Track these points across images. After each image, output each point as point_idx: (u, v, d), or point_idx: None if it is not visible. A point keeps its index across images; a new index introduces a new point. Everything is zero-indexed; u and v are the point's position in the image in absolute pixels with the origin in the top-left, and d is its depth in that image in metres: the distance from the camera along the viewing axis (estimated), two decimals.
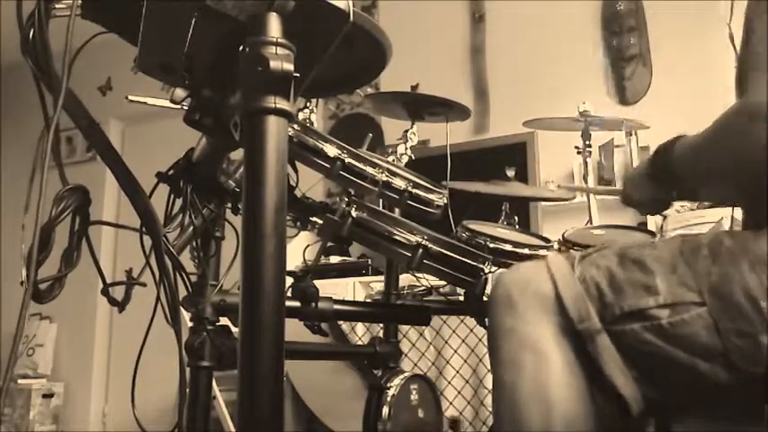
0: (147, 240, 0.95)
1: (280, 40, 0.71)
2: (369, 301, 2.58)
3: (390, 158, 1.68)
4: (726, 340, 0.80)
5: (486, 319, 0.94)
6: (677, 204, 2.60)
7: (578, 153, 2.30)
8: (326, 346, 1.96)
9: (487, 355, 2.20)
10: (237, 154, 1.08)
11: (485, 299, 1.38)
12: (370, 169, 1.39)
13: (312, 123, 1.46)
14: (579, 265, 0.91)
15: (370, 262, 2.93)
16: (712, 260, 0.84)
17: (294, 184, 1.32)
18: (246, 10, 0.73)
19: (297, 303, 1.32)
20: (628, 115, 2.41)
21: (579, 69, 3.22)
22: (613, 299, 0.86)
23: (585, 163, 2.30)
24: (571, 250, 0.96)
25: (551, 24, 3.31)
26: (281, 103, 0.70)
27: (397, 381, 1.54)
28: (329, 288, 1.73)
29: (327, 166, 1.35)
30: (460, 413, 2.17)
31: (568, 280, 0.89)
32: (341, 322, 2.38)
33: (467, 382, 2.22)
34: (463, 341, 2.22)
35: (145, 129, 4.54)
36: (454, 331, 2.23)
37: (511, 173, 2.04)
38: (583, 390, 0.85)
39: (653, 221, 2.60)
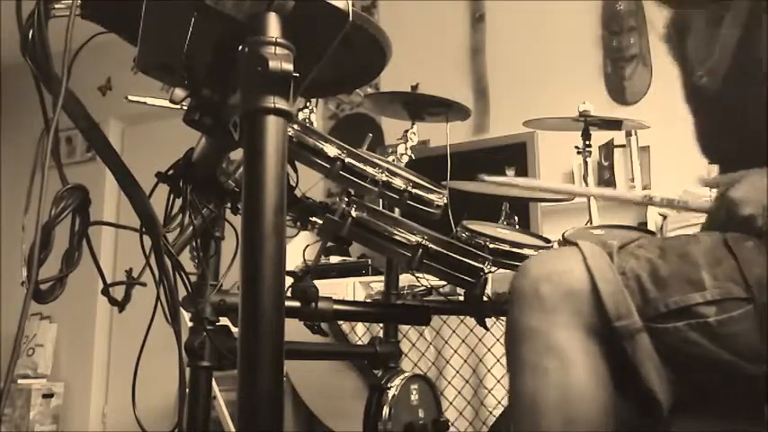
0: (147, 240, 0.95)
1: (279, 40, 0.71)
2: (369, 301, 2.58)
3: (390, 158, 1.68)
4: None
5: (506, 314, 0.87)
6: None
7: (578, 153, 2.30)
8: (326, 346, 1.96)
9: (488, 355, 2.21)
10: (237, 154, 1.08)
11: (485, 299, 1.38)
12: (370, 169, 1.39)
13: (312, 123, 1.46)
14: (617, 255, 0.84)
15: (370, 262, 2.92)
16: (758, 251, 0.79)
17: (294, 184, 1.32)
18: (246, 10, 0.73)
19: (297, 303, 1.32)
20: (628, 115, 2.41)
21: (579, 69, 3.22)
22: (657, 294, 0.80)
23: (585, 163, 2.30)
24: (608, 240, 0.90)
25: (551, 24, 3.31)
26: (281, 103, 0.70)
27: (397, 381, 1.54)
28: (329, 288, 1.73)
29: (327, 166, 1.35)
30: (461, 413, 2.17)
31: (607, 273, 0.81)
32: (341, 322, 2.38)
33: (467, 382, 2.22)
34: (463, 341, 2.22)
35: (145, 129, 4.54)
36: (454, 331, 2.23)
37: (511, 173, 2.04)
38: (608, 402, 0.80)
39: (653, 221, 2.60)
